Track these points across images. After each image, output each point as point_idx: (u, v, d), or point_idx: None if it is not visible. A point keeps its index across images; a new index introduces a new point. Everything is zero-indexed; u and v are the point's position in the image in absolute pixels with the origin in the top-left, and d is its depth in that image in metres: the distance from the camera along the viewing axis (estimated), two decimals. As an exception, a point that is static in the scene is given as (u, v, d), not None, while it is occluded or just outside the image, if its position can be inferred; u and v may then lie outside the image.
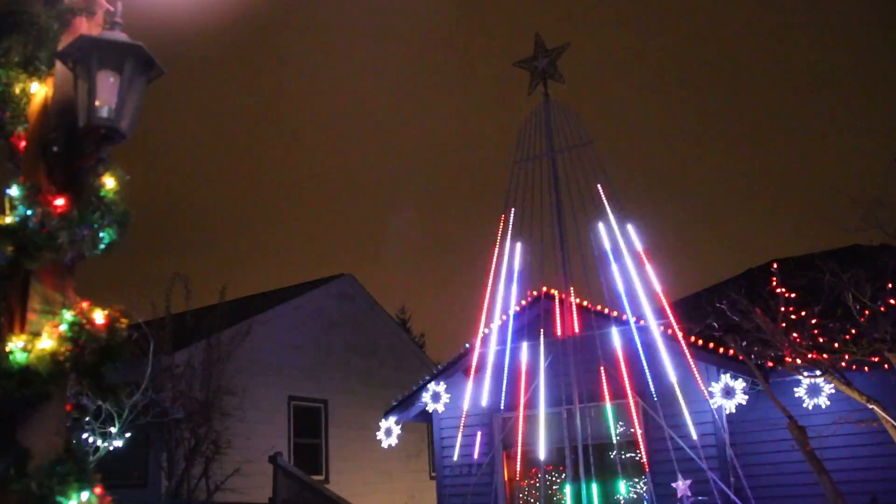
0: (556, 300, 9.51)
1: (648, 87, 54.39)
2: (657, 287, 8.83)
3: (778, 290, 9.33)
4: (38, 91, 3.59)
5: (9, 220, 3.23)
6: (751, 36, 50.64)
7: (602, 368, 9.27)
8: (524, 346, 9.66)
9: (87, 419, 7.85)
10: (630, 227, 8.93)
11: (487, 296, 9.61)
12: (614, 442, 9.38)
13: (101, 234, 3.39)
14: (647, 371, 8.74)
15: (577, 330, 9.20)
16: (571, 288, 9.36)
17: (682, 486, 8.44)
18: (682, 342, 9.15)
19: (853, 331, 8.71)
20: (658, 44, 51.84)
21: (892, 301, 8.24)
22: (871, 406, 8.33)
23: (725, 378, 9.51)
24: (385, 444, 11.96)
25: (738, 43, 50.75)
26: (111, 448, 9.20)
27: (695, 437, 8.70)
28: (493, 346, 9.70)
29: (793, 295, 9.29)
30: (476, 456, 10.18)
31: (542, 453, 9.79)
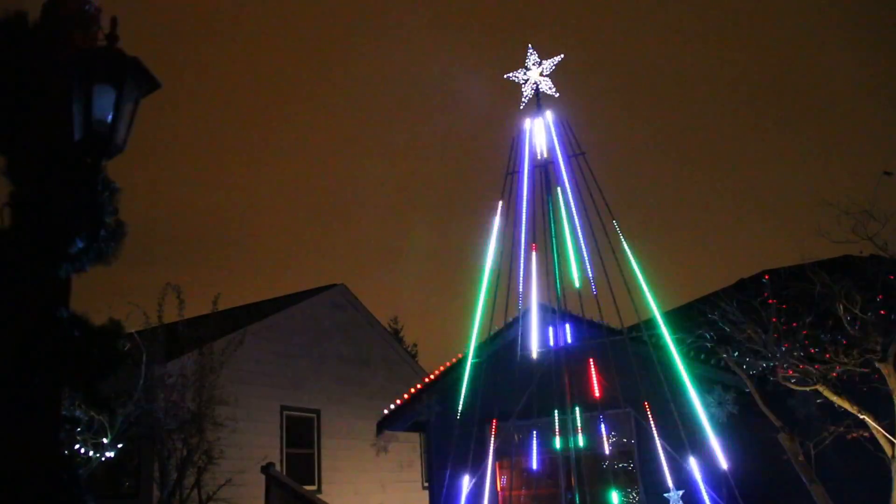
0: (550, 310, 9.53)
1: (640, 98, 54.66)
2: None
3: (769, 301, 9.37)
4: (35, 104, 3.60)
5: (4, 232, 3.24)
6: (741, 49, 51.00)
7: (595, 378, 9.29)
8: (518, 355, 9.67)
9: (79, 430, 7.82)
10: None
11: (480, 305, 9.63)
12: (607, 452, 9.39)
13: (95, 247, 3.40)
14: (639, 381, 8.75)
15: (569, 340, 9.22)
16: (563, 297, 9.38)
17: (674, 496, 8.46)
18: (675, 352, 9.18)
19: (844, 341, 8.76)
20: (649, 57, 52.12)
21: (882, 312, 8.29)
22: (862, 416, 8.37)
23: (717, 388, 9.53)
24: (378, 454, 11.93)
25: (729, 55, 51.10)
26: (103, 459, 9.14)
27: (687, 447, 8.72)
28: (486, 356, 9.71)
29: (784, 305, 9.33)
30: (469, 466, 10.17)
31: (534, 463, 9.80)
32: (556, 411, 8.81)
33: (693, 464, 8.60)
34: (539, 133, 9.85)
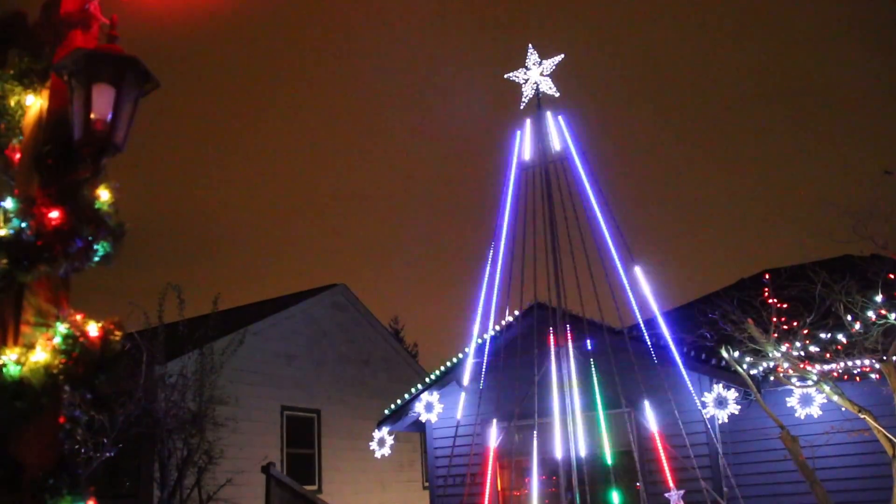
0: (550, 311, 9.51)
1: (641, 98, 54.63)
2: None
3: (770, 301, 9.37)
4: (34, 104, 3.60)
5: (3, 232, 3.23)
6: (744, 50, 50.97)
7: (595, 378, 9.28)
8: (517, 356, 9.66)
9: (79, 430, 7.82)
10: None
11: (481, 305, 9.62)
12: (608, 452, 9.38)
13: (95, 247, 3.39)
14: (640, 381, 8.74)
15: (569, 340, 9.20)
16: (564, 298, 9.36)
17: (675, 495, 8.44)
18: (675, 352, 9.17)
19: (845, 341, 8.77)
20: (651, 56, 52.09)
21: (882, 311, 8.29)
22: (862, 416, 8.37)
23: (718, 388, 9.51)
24: (378, 455, 11.93)
25: (732, 56, 51.07)
26: (103, 459, 9.13)
27: (688, 446, 8.71)
28: (486, 356, 9.70)
29: (785, 305, 9.34)
30: (469, 466, 10.18)
31: (535, 463, 9.76)
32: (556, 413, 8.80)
33: (693, 463, 8.58)
34: (539, 133, 9.83)
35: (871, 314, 8.35)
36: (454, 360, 11.95)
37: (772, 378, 9.65)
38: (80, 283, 3.56)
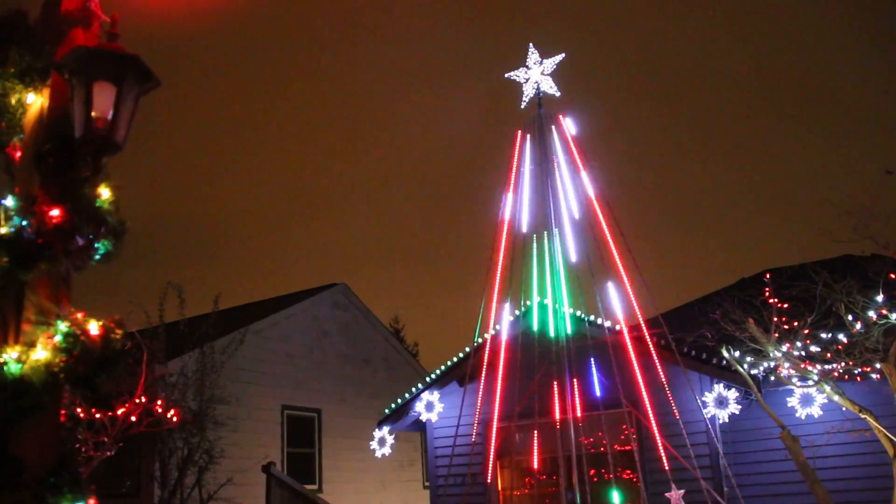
0: (550, 310, 9.51)
1: (642, 97, 54.64)
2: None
3: (771, 300, 9.36)
4: (35, 102, 3.60)
5: (4, 230, 3.23)
6: (745, 49, 50.96)
7: (596, 378, 9.27)
8: (518, 353, 9.65)
9: (80, 428, 7.81)
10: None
11: (483, 304, 9.61)
12: (608, 451, 9.38)
13: (96, 245, 3.39)
14: (640, 381, 8.74)
15: (570, 340, 9.19)
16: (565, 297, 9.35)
17: (675, 495, 8.43)
18: (676, 352, 9.16)
19: (846, 341, 8.76)
20: (651, 55, 52.10)
21: (883, 311, 8.28)
22: (863, 416, 8.36)
23: (719, 388, 9.51)
24: (378, 454, 11.93)
25: (735, 54, 51.07)
26: (104, 457, 9.13)
27: (688, 446, 8.70)
28: (486, 356, 9.69)
29: (785, 305, 9.33)
30: (469, 466, 10.17)
31: (535, 463, 9.79)
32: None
33: (694, 463, 8.58)
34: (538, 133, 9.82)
35: (872, 314, 8.34)
36: (454, 359, 11.94)
37: (772, 378, 9.64)
38: (80, 282, 3.56)
